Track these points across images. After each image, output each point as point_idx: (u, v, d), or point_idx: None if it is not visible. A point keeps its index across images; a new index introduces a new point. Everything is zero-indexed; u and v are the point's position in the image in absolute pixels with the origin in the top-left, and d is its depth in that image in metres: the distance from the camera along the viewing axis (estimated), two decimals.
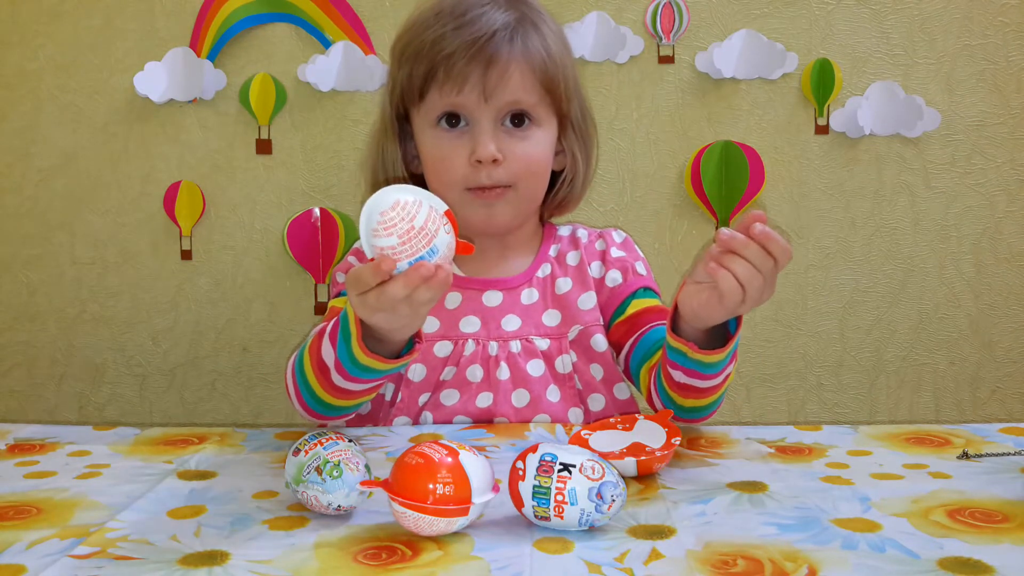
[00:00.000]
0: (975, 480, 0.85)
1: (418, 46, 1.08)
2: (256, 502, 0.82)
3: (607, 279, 1.18)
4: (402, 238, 0.78)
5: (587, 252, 1.20)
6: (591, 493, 0.72)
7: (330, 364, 0.94)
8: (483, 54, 1.06)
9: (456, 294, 1.15)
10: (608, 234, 1.22)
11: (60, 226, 1.68)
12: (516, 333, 1.13)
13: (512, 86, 1.08)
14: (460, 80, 1.06)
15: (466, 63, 1.06)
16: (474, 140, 1.08)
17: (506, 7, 1.09)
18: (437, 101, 1.09)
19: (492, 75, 1.06)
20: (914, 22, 1.65)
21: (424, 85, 1.09)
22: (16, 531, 0.75)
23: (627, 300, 1.16)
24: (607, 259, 1.19)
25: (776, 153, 1.67)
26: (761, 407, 1.71)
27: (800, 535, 0.73)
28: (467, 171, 1.08)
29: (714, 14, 1.65)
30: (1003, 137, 1.67)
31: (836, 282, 1.70)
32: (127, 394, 1.71)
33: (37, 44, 1.65)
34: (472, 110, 1.08)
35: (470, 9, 1.08)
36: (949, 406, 1.72)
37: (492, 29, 1.06)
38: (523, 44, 1.08)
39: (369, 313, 0.85)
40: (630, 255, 1.20)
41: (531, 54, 1.09)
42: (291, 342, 1.69)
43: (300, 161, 1.66)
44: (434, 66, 1.07)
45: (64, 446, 0.99)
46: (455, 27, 1.07)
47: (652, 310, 1.15)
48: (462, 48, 1.06)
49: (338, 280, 1.18)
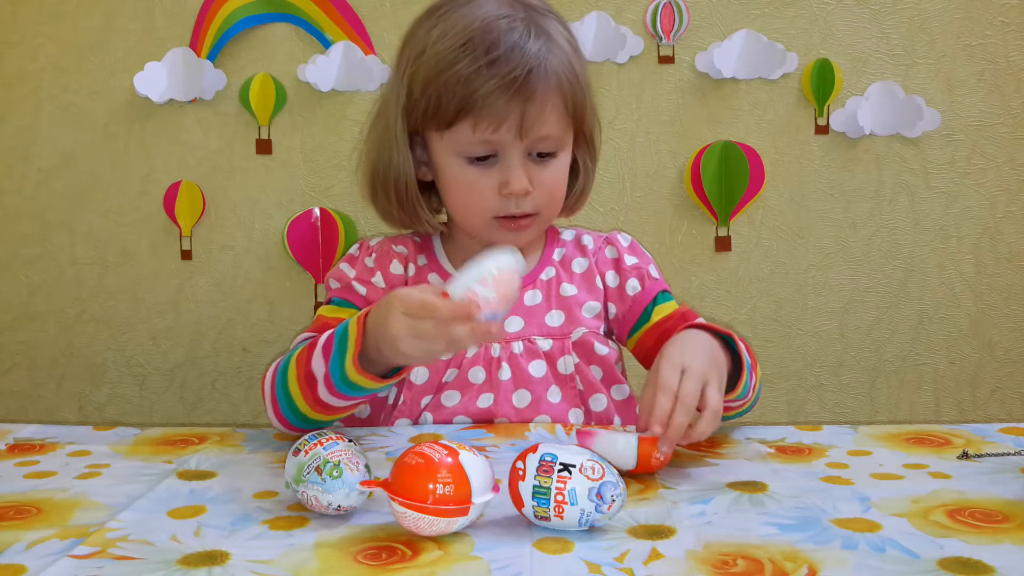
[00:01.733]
0: (975, 480, 0.85)
1: (448, 79, 1.04)
2: (256, 502, 0.82)
3: (627, 288, 1.18)
4: (500, 297, 0.84)
5: (598, 261, 1.20)
6: (591, 493, 0.72)
7: (319, 377, 0.94)
8: (521, 94, 1.03)
9: None
10: (615, 240, 1.22)
11: (60, 226, 1.68)
12: (519, 334, 1.13)
13: (546, 121, 1.06)
14: (497, 120, 1.04)
15: (505, 103, 1.03)
16: (505, 172, 1.07)
17: (534, 31, 1.06)
18: (469, 136, 1.06)
19: (530, 113, 1.04)
20: (914, 22, 1.65)
21: (455, 118, 1.06)
22: (16, 531, 0.75)
23: (649, 307, 1.17)
24: (622, 268, 1.19)
25: (776, 153, 1.67)
26: (761, 407, 1.70)
27: (800, 535, 0.73)
28: (496, 201, 1.08)
29: (714, 14, 1.65)
30: (1003, 137, 1.67)
31: (836, 282, 1.70)
32: (127, 394, 1.71)
33: (37, 44, 1.65)
34: (506, 145, 1.07)
35: (500, 39, 1.03)
36: (949, 406, 1.72)
37: (528, 66, 1.03)
38: (555, 75, 1.06)
39: (409, 335, 0.85)
40: (642, 260, 1.21)
41: (562, 83, 1.07)
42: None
43: (300, 161, 1.66)
44: (468, 104, 1.04)
45: (64, 446, 0.99)
46: (489, 62, 1.03)
47: (675, 316, 1.16)
48: (500, 89, 1.03)
49: (331, 286, 1.16)
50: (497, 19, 1.05)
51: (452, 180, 1.10)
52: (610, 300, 1.18)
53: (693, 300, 1.69)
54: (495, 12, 1.06)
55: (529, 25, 1.06)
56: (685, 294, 1.69)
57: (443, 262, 1.17)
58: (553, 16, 1.11)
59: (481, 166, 1.08)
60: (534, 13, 1.09)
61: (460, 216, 1.13)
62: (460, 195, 1.11)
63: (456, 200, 1.12)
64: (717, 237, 1.69)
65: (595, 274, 1.19)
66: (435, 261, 1.17)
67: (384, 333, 0.87)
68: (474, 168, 1.08)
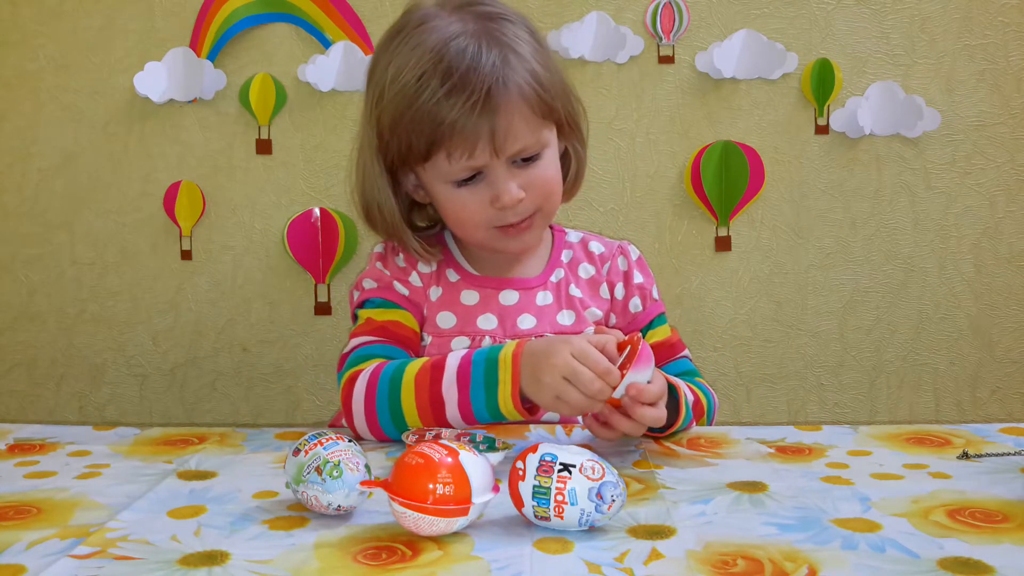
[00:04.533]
0: (975, 480, 0.85)
1: (412, 116, 1.04)
2: (256, 502, 0.82)
3: (630, 305, 1.20)
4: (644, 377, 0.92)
5: (610, 270, 1.21)
6: (591, 493, 0.72)
7: (451, 403, 0.98)
8: (485, 114, 1.03)
9: (474, 292, 1.16)
10: (627, 251, 1.23)
11: (60, 226, 1.68)
12: (532, 331, 1.14)
13: (518, 133, 1.06)
14: (469, 145, 1.04)
15: (472, 127, 1.03)
16: (494, 187, 1.08)
17: (485, 43, 1.05)
18: (447, 167, 1.07)
19: (499, 130, 1.04)
20: (914, 22, 1.65)
21: (428, 152, 1.06)
22: (16, 531, 0.75)
23: (644, 330, 1.19)
24: (630, 283, 1.20)
25: (776, 153, 1.67)
26: (761, 407, 1.71)
27: (800, 535, 0.73)
28: (491, 214, 1.09)
29: (714, 14, 1.65)
30: (1003, 137, 1.67)
31: (836, 282, 1.70)
32: (127, 394, 1.71)
33: (37, 44, 1.65)
34: (486, 163, 1.07)
35: (453, 64, 1.03)
36: (949, 406, 1.72)
37: (486, 85, 1.02)
38: (516, 84, 1.05)
39: (555, 377, 0.91)
40: (647, 279, 1.22)
41: (524, 91, 1.05)
42: (291, 342, 1.69)
43: (300, 161, 1.66)
44: (437, 136, 1.04)
45: (64, 446, 0.99)
46: (447, 92, 1.02)
47: (665, 344, 1.19)
48: (463, 115, 1.02)
49: (365, 287, 1.16)
50: (447, 42, 1.04)
51: (445, 203, 1.11)
52: (614, 311, 1.20)
53: (693, 300, 1.69)
54: (445, 33, 1.05)
55: (480, 38, 1.05)
56: (685, 294, 1.69)
57: (458, 258, 1.19)
58: (506, 18, 1.09)
59: (469, 186, 1.09)
60: (485, 22, 1.07)
61: (461, 233, 1.15)
62: (456, 215, 1.12)
63: (454, 220, 1.13)
64: (717, 237, 1.69)
65: (602, 282, 1.20)
66: (450, 256, 1.19)
67: (543, 373, 0.92)
68: (463, 189, 1.09)
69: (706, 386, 1.15)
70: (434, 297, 1.15)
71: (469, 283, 1.16)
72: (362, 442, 0.99)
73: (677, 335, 1.22)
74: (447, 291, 1.16)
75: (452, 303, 1.15)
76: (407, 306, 1.14)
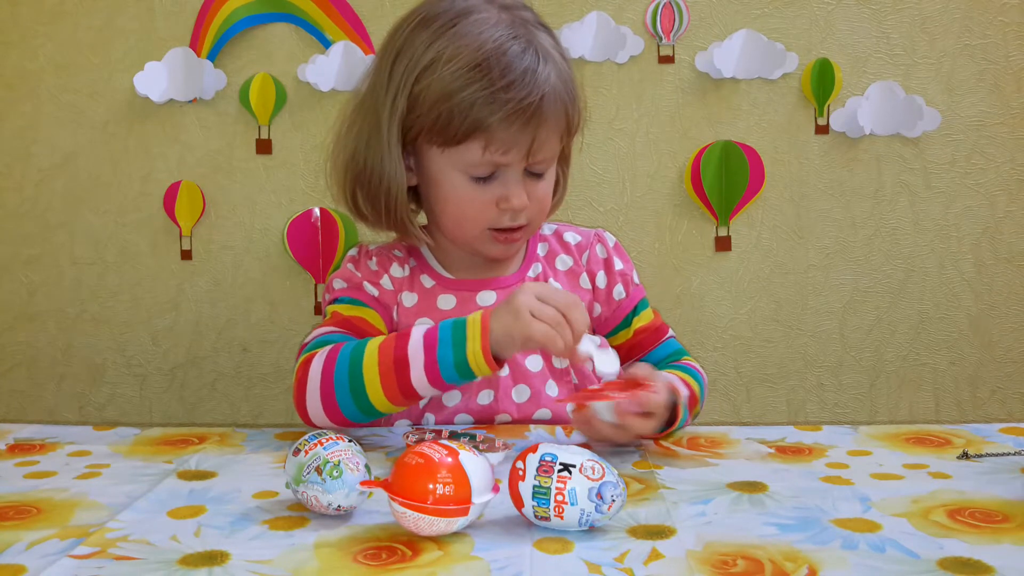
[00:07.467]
0: (975, 480, 0.85)
1: (463, 99, 1.04)
2: (256, 502, 0.82)
3: (614, 292, 1.20)
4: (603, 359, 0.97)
5: (589, 259, 1.21)
6: (591, 493, 0.72)
7: (417, 364, 0.97)
8: (534, 121, 1.05)
9: (450, 296, 1.15)
10: (604, 238, 1.23)
11: (60, 226, 1.68)
12: None
13: (549, 146, 1.09)
14: (508, 144, 1.06)
15: (519, 129, 1.05)
16: (505, 189, 1.09)
17: (541, 54, 1.06)
18: (477, 157, 1.07)
19: (538, 140, 1.06)
20: (914, 22, 1.65)
21: (464, 138, 1.06)
22: (16, 531, 0.75)
23: (630, 315, 1.19)
24: (611, 270, 1.20)
25: (776, 153, 1.67)
26: (761, 407, 1.71)
27: (800, 535, 0.73)
28: (493, 214, 1.10)
29: (714, 14, 1.65)
30: (1003, 137, 1.67)
31: (836, 282, 1.70)
32: (127, 394, 1.71)
33: (37, 44, 1.65)
34: (509, 165, 1.08)
35: (513, 63, 1.04)
36: (949, 406, 1.72)
37: (541, 92, 1.05)
38: (561, 101, 1.08)
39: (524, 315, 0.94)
40: (627, 265, 1.22)
41: (567, 108, 1.09)
42: (291, 342, 1.69)
43: (300, 161, 1.66)
44: (482, 127, 1.04)
45: (64, 446, 1.00)
46: (504, 87, 1.03)
47: (649, 329, 1.20)
48: (515, 114, 1.04)
49: (335, 287, 1.16)
50: (507, 40, 1.05)
51: (449, 193, 1.11)
52: (597, 300, 1.20)
53: (693, 300, 1.69)
54: (504, 32, 1.06)
55: (534, 46, 1.07)
56: (685, 294, 1.69)
57: (432, 263, 1.19)
58: (542, 28, 1.11)
59: (481, 182, 1.09)
60: (531, 28, 1.09)
61: (453, 226, 1.14)
62: (456, 208, 1.11)
63: (452, 212, 1.12)
64: (717, 237, 1.69)
65: (581, 272, 1.20)
66: (424, 263, 1.18)
67: (511, 306, 0.95)
68: (474, 184, 1.09)
69: (695, 368, 1.16)
70: (409, 304, 1.15)
71: (445, 287, 1.16)
72: (360, 442, 0.99)
73: (660, 317, 1.22)
74: (423, 297, 1.15)
75: (429, 309, 1.14)
76: (375, 306, 1.13)
